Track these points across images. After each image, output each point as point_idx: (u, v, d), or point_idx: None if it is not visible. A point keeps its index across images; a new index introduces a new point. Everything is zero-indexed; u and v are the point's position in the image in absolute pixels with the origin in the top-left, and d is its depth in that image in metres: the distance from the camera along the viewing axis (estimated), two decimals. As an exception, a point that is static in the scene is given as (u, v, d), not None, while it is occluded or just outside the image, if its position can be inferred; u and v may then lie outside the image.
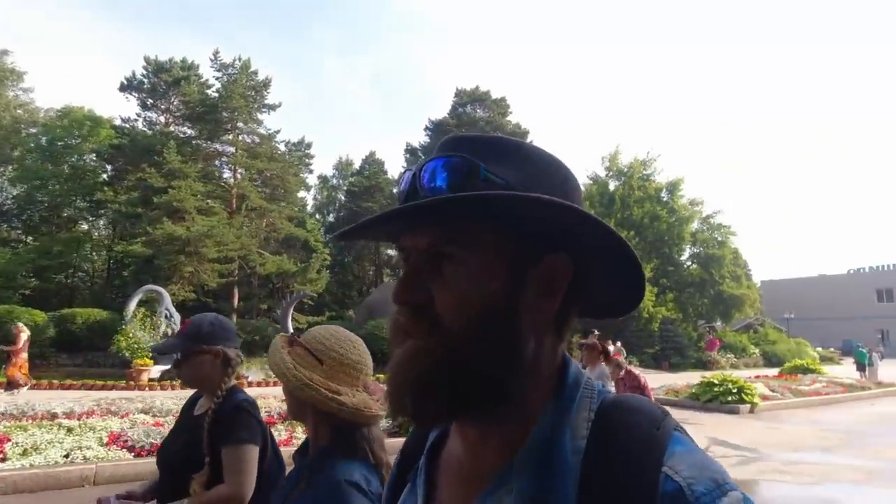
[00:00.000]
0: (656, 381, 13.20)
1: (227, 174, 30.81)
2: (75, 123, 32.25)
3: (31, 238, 30.63)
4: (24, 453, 5.66)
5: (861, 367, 19.88)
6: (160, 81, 36.38)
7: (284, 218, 29.41)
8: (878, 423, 10.80)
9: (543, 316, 0.52)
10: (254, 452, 1.69)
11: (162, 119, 37.58)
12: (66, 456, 5.70)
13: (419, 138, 48.13)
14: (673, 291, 30.42)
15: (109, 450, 5.93)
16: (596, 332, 10.98)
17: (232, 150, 28.94)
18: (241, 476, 1.64)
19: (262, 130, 29.83)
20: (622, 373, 6.12)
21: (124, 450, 6.00)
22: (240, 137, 28.84)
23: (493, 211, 0.48)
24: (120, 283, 29.88)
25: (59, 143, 31.14)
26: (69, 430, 6.44)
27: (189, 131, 31.42)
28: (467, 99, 39.62)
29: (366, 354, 1.33)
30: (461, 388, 0.49)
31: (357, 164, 49.60)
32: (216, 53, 29.05)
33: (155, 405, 7.85)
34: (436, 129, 39.36)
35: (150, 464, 5.74)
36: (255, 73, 29.70)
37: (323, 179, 51.50)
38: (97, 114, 34.18)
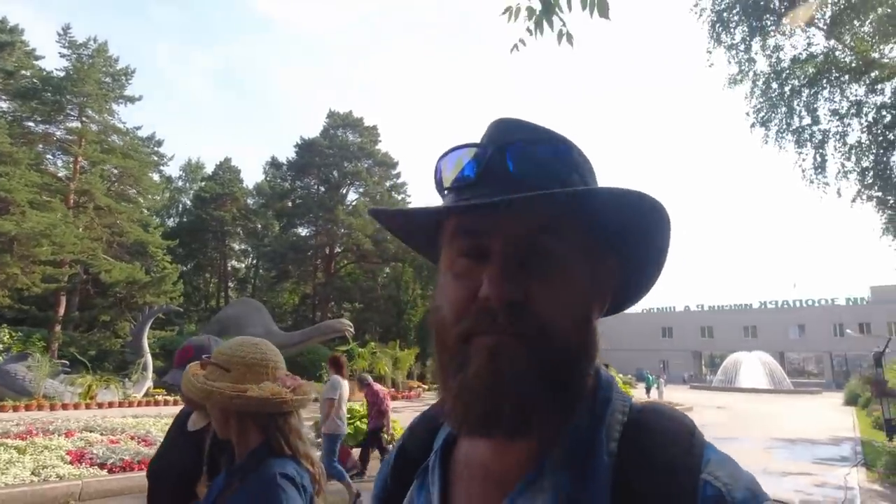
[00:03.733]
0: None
1: (59, 164, 26.94)
2: None
3: None
4: (-16, 473, 5.33)
5: (648, 391, 27.05)
6: (-32, 40, 30.51)
7: (132, 221, 26.66)
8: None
9: (599, 316, 0.51)
10: None
11: (-34, 85, 31.35)
12: (34, 474, 5.50)
13: (286, 153, 46.89)
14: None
15: (78, 468, 5.82)
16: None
17: (73, 138, 25.50)
18: None
19: (116, 123, 26.92)
20: (365, 389, 6.74)
21: (94, 467, 5.93)
22: (89, 127, 25.62)
23: (592, 207, 0.47)
24: None
25: None
26: (18, 449, 6.04)
27: (6, 107, 26.76)
28: (340, 122, 40.15)
29: (269, 353, 1.37)
30: (567, 396, 0.46)
31: (209, 169, 46.56)
32: (66, 29, 25.61)
33: (98, 424, 7.42)
34: (306, 147, 39.15)
35: (128, 479, 5.89)
36: (116, 59, 26.90)
37: (167, 180, 46.95)
38: None
